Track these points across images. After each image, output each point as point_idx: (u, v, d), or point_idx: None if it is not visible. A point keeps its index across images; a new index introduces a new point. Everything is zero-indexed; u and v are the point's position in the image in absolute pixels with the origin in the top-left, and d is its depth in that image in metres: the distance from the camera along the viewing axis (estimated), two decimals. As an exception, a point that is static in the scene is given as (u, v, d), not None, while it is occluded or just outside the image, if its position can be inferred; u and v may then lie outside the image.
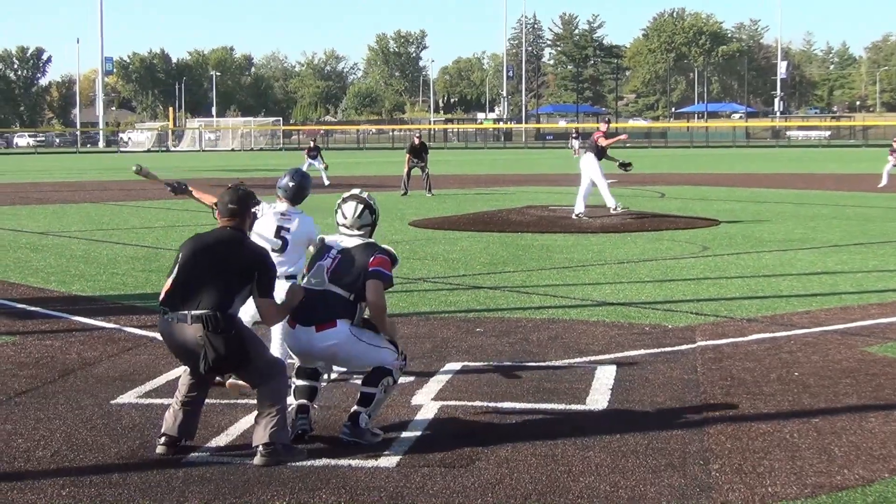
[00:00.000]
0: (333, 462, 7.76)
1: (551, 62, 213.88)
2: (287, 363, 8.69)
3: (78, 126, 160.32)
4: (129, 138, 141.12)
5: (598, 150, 27.19)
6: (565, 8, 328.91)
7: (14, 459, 7.89)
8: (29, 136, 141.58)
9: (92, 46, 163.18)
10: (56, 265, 18.87)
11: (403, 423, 8.74)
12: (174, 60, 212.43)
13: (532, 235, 23.72)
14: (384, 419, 8.77)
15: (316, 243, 8.99)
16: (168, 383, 10.12)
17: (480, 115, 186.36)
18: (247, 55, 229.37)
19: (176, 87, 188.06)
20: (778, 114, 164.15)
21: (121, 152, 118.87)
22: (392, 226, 25.79)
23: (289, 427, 8.13)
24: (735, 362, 11.00)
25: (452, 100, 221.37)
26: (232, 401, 9.48)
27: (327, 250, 8.46)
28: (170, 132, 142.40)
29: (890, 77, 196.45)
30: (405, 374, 10.32)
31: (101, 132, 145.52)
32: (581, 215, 26.89)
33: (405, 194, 37.20)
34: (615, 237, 23.23)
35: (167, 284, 7.87)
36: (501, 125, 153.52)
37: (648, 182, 44.29)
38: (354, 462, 7.76)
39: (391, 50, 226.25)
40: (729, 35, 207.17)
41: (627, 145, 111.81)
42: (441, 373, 10.54)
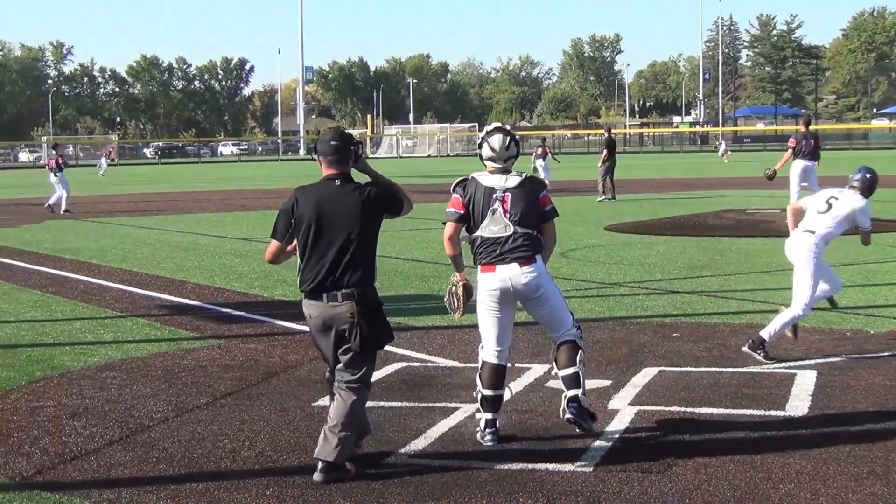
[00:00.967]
0: (531, 466, 7.80)
1: (748, 64, 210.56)
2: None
3: (279, 134, 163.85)
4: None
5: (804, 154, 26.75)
6: (762, 9, 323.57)
7: (221, 459, 8.14)
8: (232, 145, 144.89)
9: (292, 56, 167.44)
10: (259, 270, 19.30)
11: (600, 428, 8.74)
12: (372, 68, 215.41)
13: (730, 239, 23.42)
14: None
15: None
16: (368, 386, 10.30)
17: (676, 119, 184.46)
18: (443, 62, 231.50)
19: (374, 95, 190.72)
20: None
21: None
22: (588, 230, 25.77)
23: (481, 432, 8.37)
24: (941, 369, 10.71)
25: (648, 103, 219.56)
26: (430, 404, 9.60)
27: (490, 193, 8.42)
28: (368, 139, 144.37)
29: None
30: (601, 378, 10.34)
31: (302, 140, 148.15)
32: None
33: (611, 198, 36.68)
34: (816, 241, 22.72)
35: None
36: (698, 128, 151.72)
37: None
38: (551, 466, 7.79)
39: (586, 54, 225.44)
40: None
41: (827, 146, 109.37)
42: (637, 377, 10.51)
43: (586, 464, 7.84)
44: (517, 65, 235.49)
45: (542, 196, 8.50)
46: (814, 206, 11.71)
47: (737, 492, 7.18)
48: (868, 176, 11.64)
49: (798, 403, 9.45)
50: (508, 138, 8.56)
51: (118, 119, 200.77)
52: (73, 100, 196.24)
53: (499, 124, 8.87)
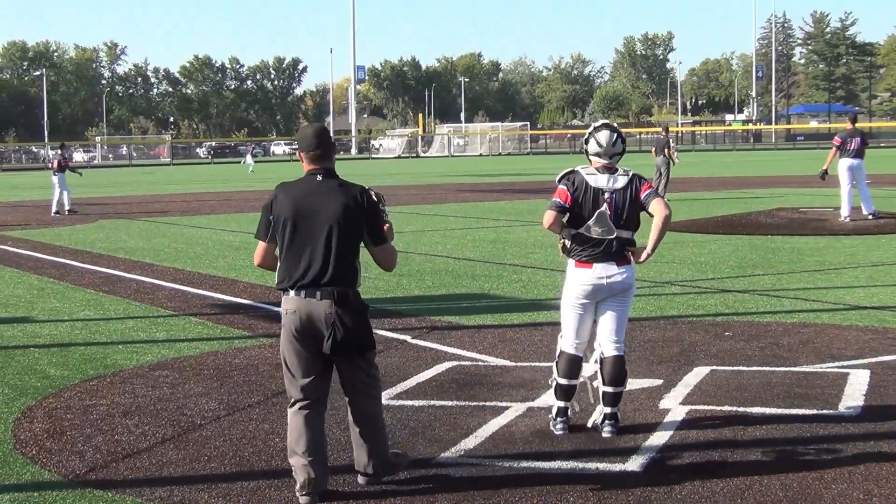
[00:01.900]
0: (581, 465, 7.80)
1: (802, 61, 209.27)
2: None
3: (331, 133, 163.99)
4: (381, 145, 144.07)
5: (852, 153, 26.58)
6: (816, 6, 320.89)
7: (272, 458, 8.19)
8: (285, 144, 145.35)
9: (345, 55, 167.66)
10: (310, 270, 19.27)
11: (651, 427, 8.72)
12: (424, 67, 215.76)
13: (782, 238, 23.28)
14: (632, 423, 8.78)
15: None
16: (418, 385, 10.33)
17: (729, 117, 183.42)
18: (494, 61, 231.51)
19: (425, 94, 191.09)
20: None
21: (372, 158, 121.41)
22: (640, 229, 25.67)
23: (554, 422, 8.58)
24: None
25: (700, 101, 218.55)
26: (480, 403, 9.60)
27: (597, 194, 8.53)
28: (419, 138, 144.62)
29: None
30: (653, 378, 10.32)
31: (354, 139, 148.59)
32: (873, 215, 26.56)
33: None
34: (869, 239, 22.62)
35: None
36: (750, 126, 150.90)
37: (905, 182, 42.90)
38: (602, 465, 7.78)
39: (638, 52, 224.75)
40: None
41: (882, 144, 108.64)
42: (689, 377, 10.47)
43: (637, 463, 7.82)
44: (569, 63, 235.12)
45: (643, 187, 8.66)
46: None
47: (789, 492, 7.14)
48: None
49: (851, 403, 9.37)
50: (615, 135, 8.68)
51: (171, 119, 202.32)
52: (127, 100, 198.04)
53: (606, 121, 9.02)
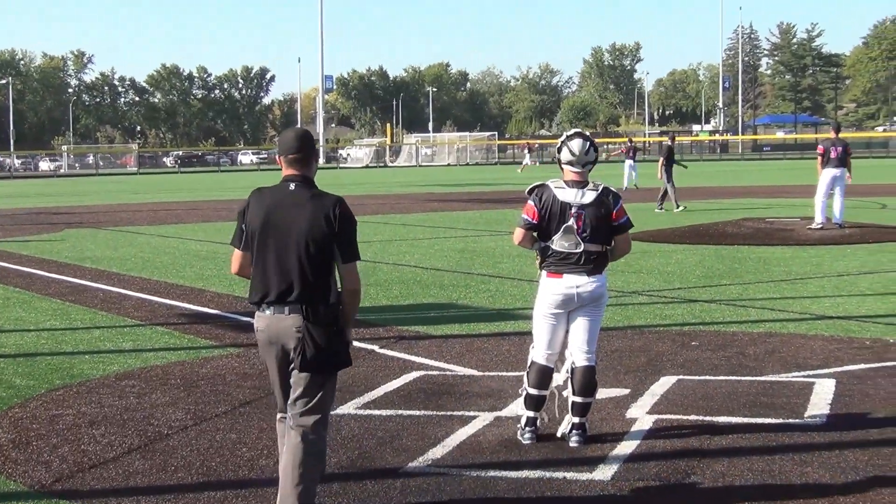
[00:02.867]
0: (549, 474, 7.80)
1: (768, 72, 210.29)
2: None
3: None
4: (349, 154, 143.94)
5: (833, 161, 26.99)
6: (783, 17, 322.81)
7: (239, 468, 8.15)
8: (252, 154, 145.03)
9: (312, 65, 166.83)
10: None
11: (618, 437, 8.73)
12: (392, 77, 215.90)
13: (748, 248, 23.39)
14: (599, 432, 8.80)
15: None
16: (386, 395, 10.32)
17: (696, 127, 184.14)
18: (462, 71, 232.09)
19: (393, 104, 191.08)
20: None
21: (340, 168, 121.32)
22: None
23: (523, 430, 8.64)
24: (961, 378, 10.68)
25: (667, 112, 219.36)
26: (448, 413, 9.61)
27: (565, 208, 8.51)
28: (387, 148, 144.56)
29: None
30: (620, 387, 10.34)
31: (322, 149, 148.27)
32: (839, 225, 26.96)
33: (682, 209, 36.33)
34: (834, 249, 22.73)
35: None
36: (717, 137, 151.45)
37: (868, 193, 43.13)
38: (569, 475, 7.79)
39: (606, 63, 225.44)
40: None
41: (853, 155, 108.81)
42: (656, 386, 10.50)
43: (604, 472, 7.83)
44: (537, 73, 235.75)
45: (617, 209, 8.59)
46: None
47: (755, 501, 7.17)
48: None
49: (817, 412, 9.42)
50: (588, 143, 8.66)
51: (138, 128, 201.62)
52: (94, 109, 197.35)
53: (578, 129, 9.01)
